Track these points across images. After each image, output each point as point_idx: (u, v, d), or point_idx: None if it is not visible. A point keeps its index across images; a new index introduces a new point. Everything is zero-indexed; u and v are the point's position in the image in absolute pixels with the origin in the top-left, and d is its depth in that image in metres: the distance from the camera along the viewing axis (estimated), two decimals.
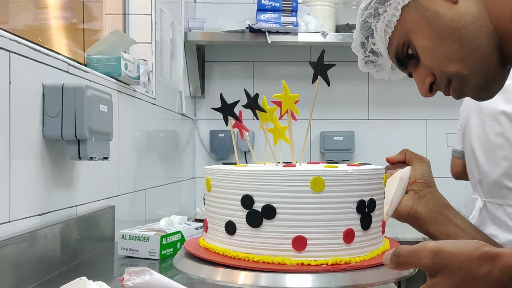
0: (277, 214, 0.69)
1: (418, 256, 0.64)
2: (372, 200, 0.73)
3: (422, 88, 0.89)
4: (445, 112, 2.45)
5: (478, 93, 0.87)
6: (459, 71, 0.84)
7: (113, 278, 0.97)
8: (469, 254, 0.63)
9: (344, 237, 0.70)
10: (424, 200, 0.94)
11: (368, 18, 0.89)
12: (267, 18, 2.21)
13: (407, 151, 0.99)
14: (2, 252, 0.83)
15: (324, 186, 0.68)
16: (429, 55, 0.85)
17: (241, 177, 0.71)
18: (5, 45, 0.87)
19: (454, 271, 0.62)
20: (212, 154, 2.52)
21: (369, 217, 0.73)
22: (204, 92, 2.52)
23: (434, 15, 0.83)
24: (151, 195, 1.73)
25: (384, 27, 0.87)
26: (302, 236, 0.68)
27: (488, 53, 0.82)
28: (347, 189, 0.70)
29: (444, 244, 0.64)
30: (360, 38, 0.93)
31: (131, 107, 1.52)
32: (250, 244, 0.71)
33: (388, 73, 0.98)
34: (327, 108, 2.52)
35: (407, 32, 0.86)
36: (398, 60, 0.90)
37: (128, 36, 1.62)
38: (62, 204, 1.09)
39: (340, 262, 0.68)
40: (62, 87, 1.00)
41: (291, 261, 0.68)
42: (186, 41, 2.24)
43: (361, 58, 0.96)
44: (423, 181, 0.95)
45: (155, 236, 1.14)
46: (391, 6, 0.86)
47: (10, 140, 0.89)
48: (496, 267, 0.62)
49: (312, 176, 0.68)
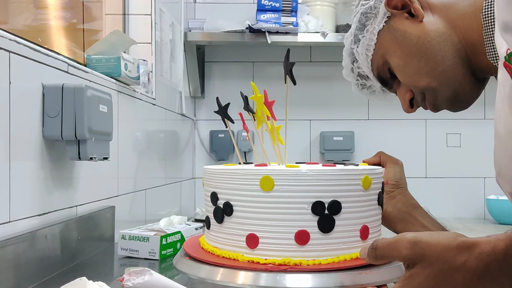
0: (234, 212, 0.72)
1: (397, 248, 0.64)
2: (336, 202, 0.70)
3: (404, 105, 0.97)
4: (445, 113, 2.45)
5: (450, 104, 0.94)
6: (428, 84, 0.91)
7: (113, 278, 0.97)
8: (446, 244, 0.63)
9: (296, 238, 0.69)
10: (393, 200, 0.98)
11: (350, 44, 0.98)
12: (267, 18, 2.21)
13: (381, 154, 1.03)
14: (2, 252, 0.83)
15: (273, 186, 0.69)
16: (402, 72, 0.93)
17: (211, 175, 0.76)
18: (5, 45, 0.87)
19: (432, 261, 0.63)
20: (212, 154, 2.52)
21: (330, 219, 0.69)
22: (204, 92, 2.52)
23: (403, 35, 0.91)
24: (151, 195, 1.73)
25: (365, 51, 0.95)
26: (254, 234, 0.70)
27: (453, 64, 0.88)
28: (298, 189, 0.69)
29: (422, 235, 0.65)
30: (348, 64, 1.02)
31: (131, 107, 1.52)
32: (217, 238, 0.75)
33: (380, 95, 1.06)
34: (327, 108, 2.52)
35: (383, 53, 0.94)
36: (381, 80, 0.98)
37: (128, 36, 1.62)
38: (62, 204, 1.09)
39: (289, 263, 0.68)
40: (62, 87, 1.00)
41: (243, 257, 0.70)
42: (186, 41, 2.24)
43: (353, 83, 1.05)
44: (394, 183, 0.99)
45: (155, 237, 1.14)
46: (368, 32, 0.94)
47: (10, 140, 0.89)
48: (473, 255, 0.62)
49: (262, 175, 0.69)
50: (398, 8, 0.91)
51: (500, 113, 0.76)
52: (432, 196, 2.34)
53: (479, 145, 2.48)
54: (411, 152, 2.47)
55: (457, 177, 2.50)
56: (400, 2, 0.90)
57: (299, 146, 2.51)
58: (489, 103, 2.43)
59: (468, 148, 2.51)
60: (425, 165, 2.51)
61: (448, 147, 2.53)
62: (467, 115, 2.49)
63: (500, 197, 2.28)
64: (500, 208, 2.27)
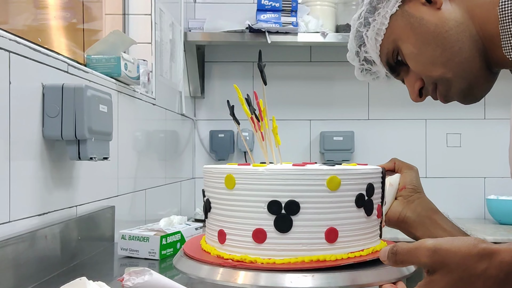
0: (212, 208, 0.76)
1: (416, 255, 0.64)
2: (293, 202, 0.69)
3: (412, 93, 0.93)
4: (445, 112, 2.46)
5: (463, 96, 0.90)
6: (442, 75, 0.87)
7: (113, 278, 0.97)
8: (467, 251, 0.63)
9: (254, 236, 0.70)
10: (412, 205, 0.96)
11: (359, 27, 0.94)
12: (267, 18, 2.21)
13: (396, 160, 1.01)
14: (2, 252, 0.83)
15: (235, 184, 0.71)
16: (415, 61, 0.89)
17: (204, 174, 0.80)
18: (5, 45, 0.87)
19: (452, 269, 0.62)
20: (212, 154, 2.52)
21: (288, 220, 0.69)
22: (204, 92, 2.52)
23: (419, 22, 0.87)
24: (151, 195, 1.73)
25: (375, 35, 0.91)
26: (223, 230, 0.73)
27: (470, 57, 0.85)
28: (256, 188, 0.70)
29: (442, 241, 0.64)
30: (353, 47, 0.97)
31: (131, 107, 1.52)
32: (206, 233, 0.79)
33: (384, 80, 1.02)
34: (327, 108, 2.52)
35: (395, 39, 0.90)
36: (390, 67, 0.94)
37: (128, 36, 1.62)
38: (62, 204, 1.09)
39: (245, 260, 0.70)
40: (62, 87, 1.00)
41: (215, 251, 0.74)
42: (186, 41, 2.24)
43: (357, 67, 1.01)
44: (412, 187, 0.97)
45: (155, 236, 1.14)
46: (380, 15, 0.90)
47: (10, 140, 0.89)
48: (494, 264, 0.62)
49: (226, 173, 0.72)
50: None
51: None
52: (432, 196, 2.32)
53: (479, 145, 2.49)
54: (411, 152, 2.47)
55: (457, 177, 2.50)
56: None
57: (299, 146, 2.51)
58: (489, 103, 2.44)
59: (468, 148, 2.51)
60: (425, 165, 2.51)
61: (448, 147, 2.53)
62: (467, 115, 2.51)
63: (500, 197, 2.28)
64: (500, 208, 2.27)
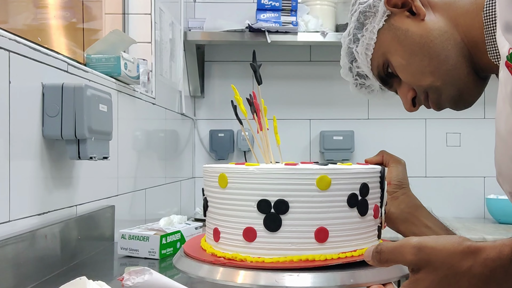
0: (208, 207, 0.77)
1: (401, 253, 0.64)
2: (282, 201, 0.69)
3: (406, 104, 0.96)
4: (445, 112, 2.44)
5: (454, 103, 0.93)
6: (432, 83, 0.90)
7: (113, 278, 0.97)
8: (452, 249, 0.62)
9: (244, 234, 0.70)
10: (397, 201, 0.97)
11: (349, 44, 0.97)
12: (267, 17, 2.21)
13: (384, 153, 1.02)
14: (2, 252, 0.83)
15: (227, 183, 0.72)
16: (404, 72, 0.92)
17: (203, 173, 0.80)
18: (4, 45, 0.87)
19: (437, 267, 0.62)
20: (212, 154, 2.52)
21: (277, 219, 0.69)
22: (203, 92, 2.52)
23: (404, 34, 0.90)
24: (151, 194, 1.73)
25: (364, 51, 0.94)
26: (217, 228, 0.74)
27: (457, 64, 0.88)
28: (246, 187, 0.70)
29: (427, 239, 0.64)
30: (346, 64, 1.00)
31: (131, 106, 1.52)
32: (206, 232, 0.80)
33: (379, 93, 1.05)
34: (327, 107, 2.52)
35: (384, 52, 0.93)
36: (382, 79, 0.97)
37: (127, 36, 1.62)
38: (62, 203, 1.09)
39: (236, 258, 0.70)
40: (61, 87, 0.99)
41: (211, 249, 0.75)
42: (186, 41, 2.24)
43: (351, 83, 1.04)
44: (396, 183, 0.98)
45: (154, 236, 1.14)
46: (368, 31, 0.93)
47: (9, 140, 0.89)
48: (479, 261, 0.61)
49: (219, 173, 0.73)
50: (398, 6, 0.90)
51: (501, 113, 0.76)
52: (432, 196, 2.34)
53: (479, 144, 2.48)
54: (411, 152, 2.47)
55: (457, 176, 2.50)
56: (400, 1, 0.90)
57: (299, 146, 2.51)
58: (489, 102, 2.43)
59: (468, 147, 2.51)
60: (425, 164, 2.51)
61: (448, 146, 2.53)
62: (467, 115, 2.50)
63: (500, 197, 2.28)
64: (500, 207, 2.27)
